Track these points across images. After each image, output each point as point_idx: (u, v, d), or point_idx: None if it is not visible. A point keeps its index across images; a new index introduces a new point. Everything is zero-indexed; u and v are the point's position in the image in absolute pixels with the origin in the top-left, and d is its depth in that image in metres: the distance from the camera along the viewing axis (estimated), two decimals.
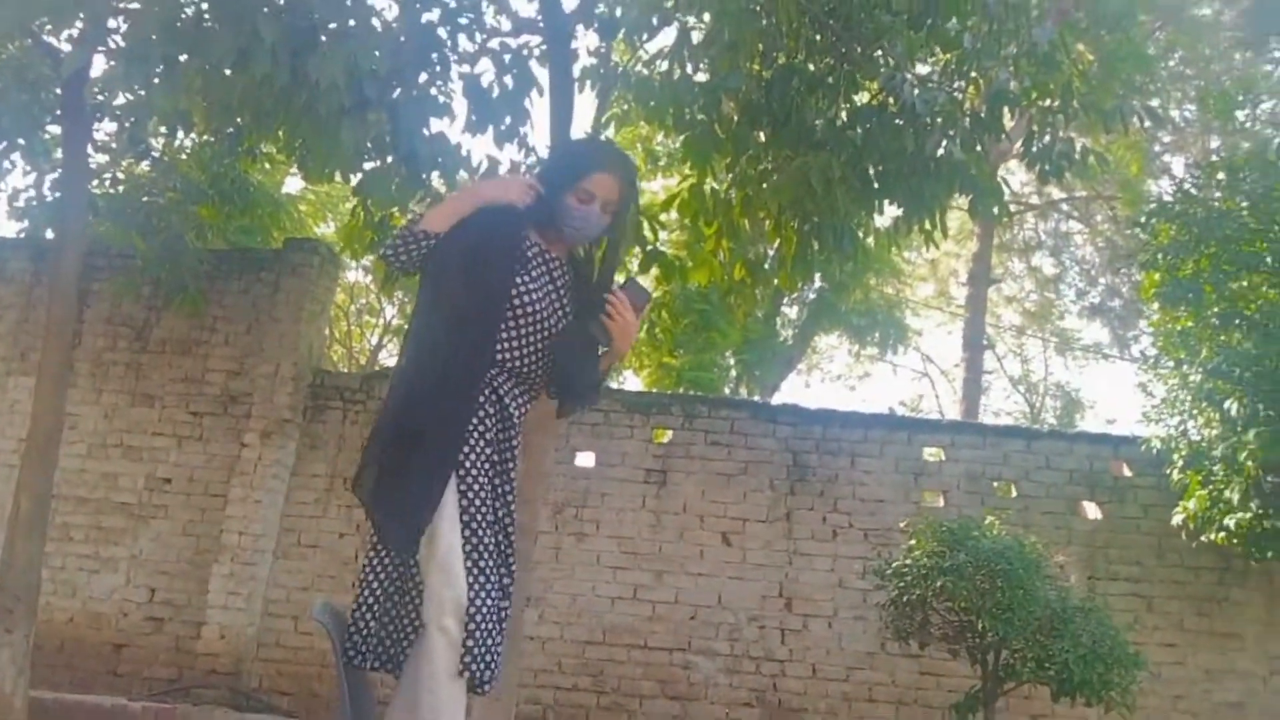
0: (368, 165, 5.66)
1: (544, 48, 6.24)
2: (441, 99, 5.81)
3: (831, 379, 23.34)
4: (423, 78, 5.73)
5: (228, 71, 4.68)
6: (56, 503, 7.08)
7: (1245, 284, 6.58)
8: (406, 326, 2.46)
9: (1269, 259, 6.46)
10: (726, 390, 13.88)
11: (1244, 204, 6.59)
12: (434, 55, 5.67)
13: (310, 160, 5.51)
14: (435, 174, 5.71)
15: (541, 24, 6.23)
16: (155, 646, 7.62)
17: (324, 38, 4.50)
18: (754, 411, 8.14)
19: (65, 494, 7.75)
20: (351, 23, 4.88)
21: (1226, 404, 6.23)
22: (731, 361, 14.18)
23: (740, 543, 7.63)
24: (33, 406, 5.92)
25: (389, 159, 5.48)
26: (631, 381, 15.95)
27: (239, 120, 5.81)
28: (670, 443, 7.92)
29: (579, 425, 7.65)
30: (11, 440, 7.92)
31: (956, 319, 18.97)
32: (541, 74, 6.12)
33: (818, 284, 13.88)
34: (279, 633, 7.63)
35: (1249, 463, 6.06)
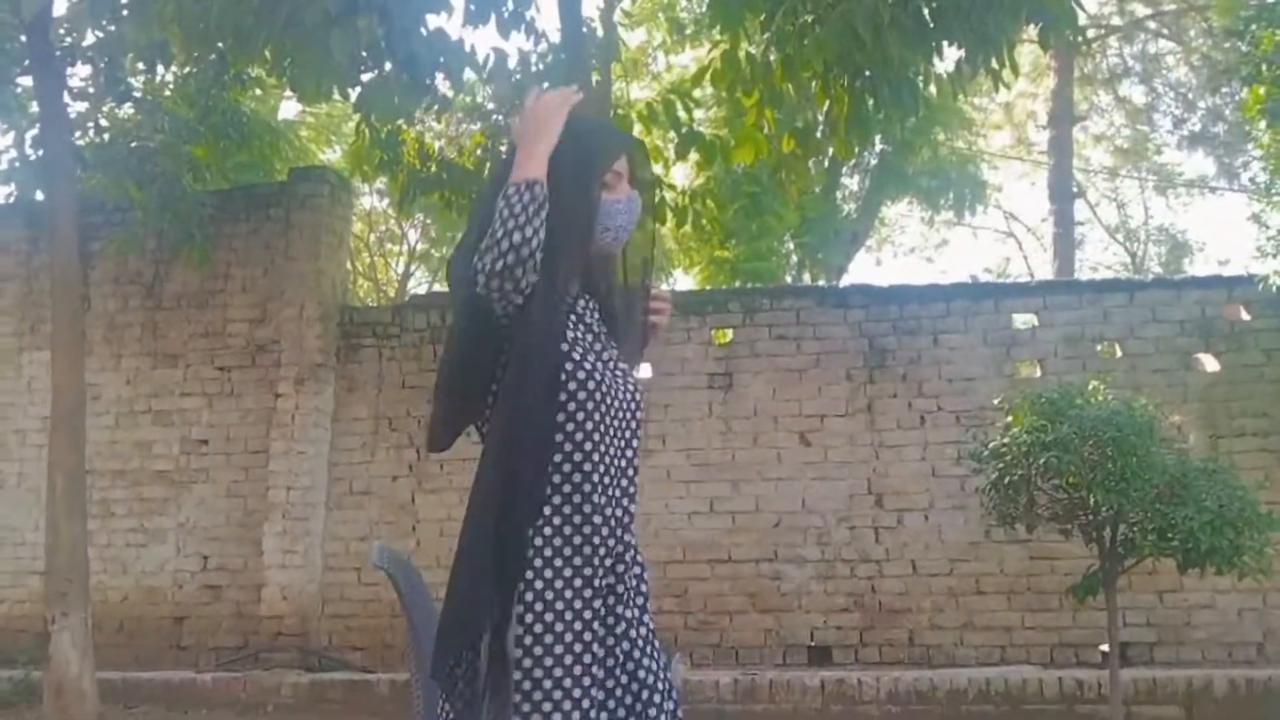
0: (365, 77, 5.65)
1: None
2: None
3: (905, 252, 23.11)
4: None
5: None
6: (92, 478, 7.36)
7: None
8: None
9: None
10: (788, 279, 13.81)
11: None
12: None
13: (302, 78, 5.50)
14: (440, 77, 5.69)
15: None
16: (216, 615, 7.98)
17: None
18: (820, 298, 8.10)
19: (99, 468, 8.05)
20: None
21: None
22: (790, 246, 14.08)
23: (820, 441, 7.68)
24: (52, 380, 6.12)
25: (387, 66, 5.46)
26: (682, 280, 15.94)
27: (220, 45, 5.81)
28: (732, 342, 7.94)
29: None
30: (35, 419, 8.22)
31: (1040, 168, 18.51)
32: None
33: (878, 147, 13.63)
34: (343, 586, 7.94)
35: None
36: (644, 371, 7.84)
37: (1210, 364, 7.56)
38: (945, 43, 5.47)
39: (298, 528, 7.86)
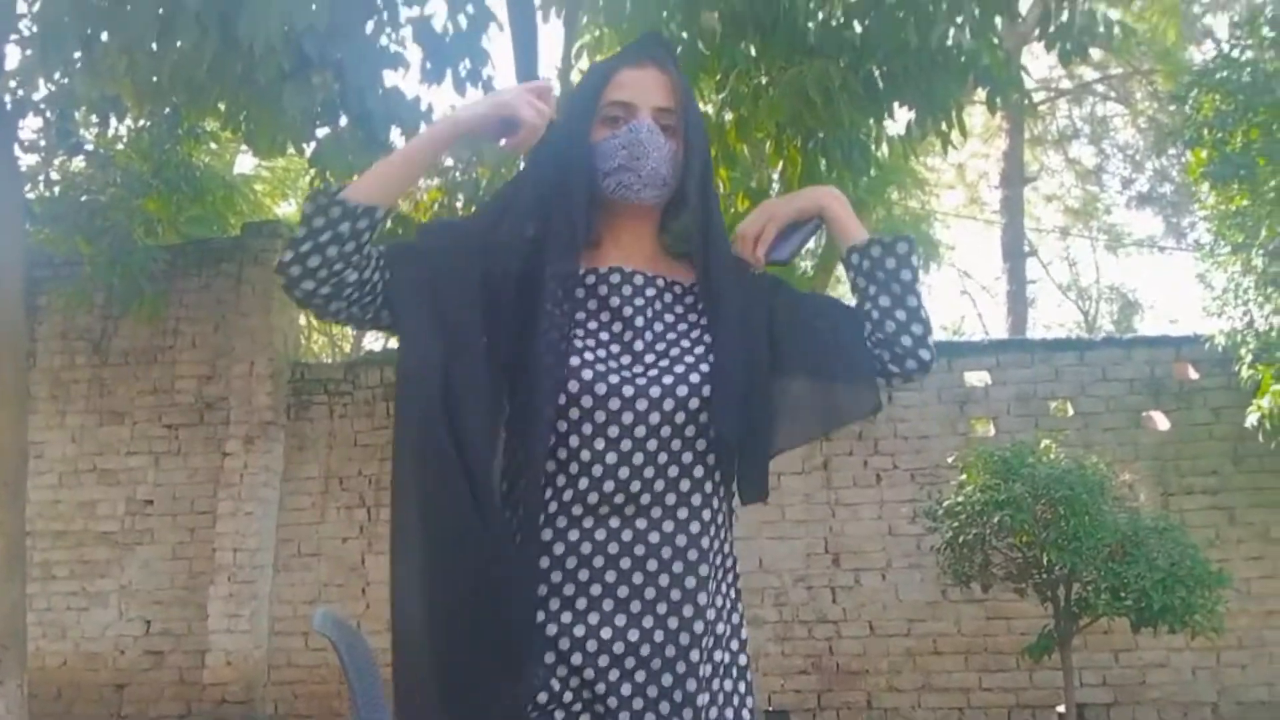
0: (320, 132, 5.66)
1: None
2: (393, 48, 5.79)
3: None
4: (369, 27, 5.71)
5: (153, 47, 4.67)
6: (32, 539, 7.18)
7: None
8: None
9: None
10: None
11: None
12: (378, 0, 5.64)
13: (257, 133, 5.51)
14: (396, 132, 5.71)
15: None
16: (158, 682, 7.76)
17: None
18: None
19: (40, 529, 7.85)
20: None
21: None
22: None
23: (776, 499, 7.68)
24: None
25: (342, 121, 5.47)
26: None
27: (173, 99, 5.81)
28: None
29: None
30: None
31: (993, 227, 18.86)
32: (499, 6, 6.08)
33: None
34: (289, 651, 7.76)
35: None
36: None
37: (1160, 422, 7.68)
38: (895, 104, 5.60)
39: (244, 591, 7.70)
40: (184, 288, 8.43)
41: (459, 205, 7.23)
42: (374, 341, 19.12)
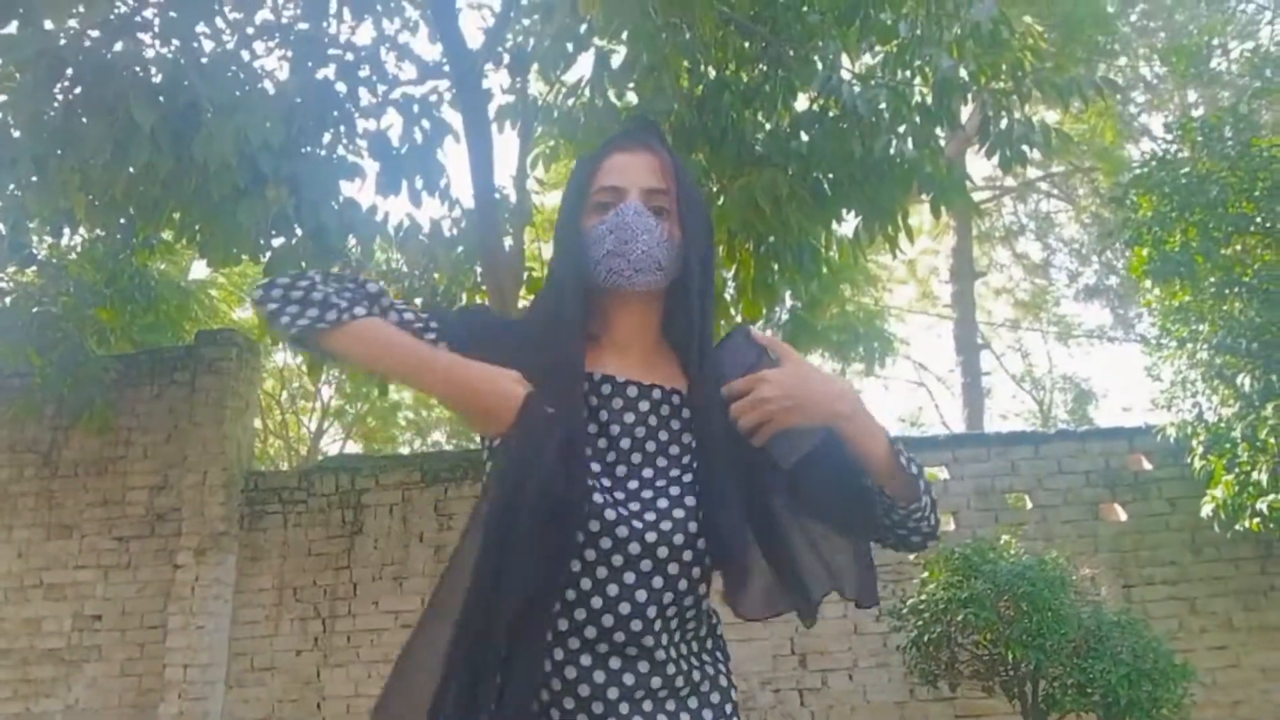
0: (275, 242, 5.68)
1: (454, 92, 6.33)
2: (351, 159, 5.88)
3: None
4: (325, 139, 5.79)
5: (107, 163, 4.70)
6: None
7: (1238, 248, 6.73)
8: None
9: (1259, 218, 6.61)
10: None
11: (1224, 164, 6.75)
12: (334, 113, 5.74)
13: (210, 246, 5.52)
14: (351, 242, 5.75)
15: (448, 67, 6.31)
16: None
17: (209, 114, 4.53)
18: None
19: None
20: (238, 93, 4.93)
21: (1239, 379, 6.34)
22: None
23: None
24: None
25: (297, 232, 5.50)
26: None
27: (128, 212, 5.82)
28: None
29: None
30: None
31: (946, 320, 19.18)
32: (455, 119, 6.20)
33: (789, 304, 14.00)
34: None
35: (1271, 439, 6.15)
36: None
37: (1118, 514, 7.74)
38: (843, 211, 5.74)
39: (195, 708, 7.44)
40: (135, 397, 8.32)
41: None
42: (331, 444, 18.98)
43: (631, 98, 6.31)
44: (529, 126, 7.02)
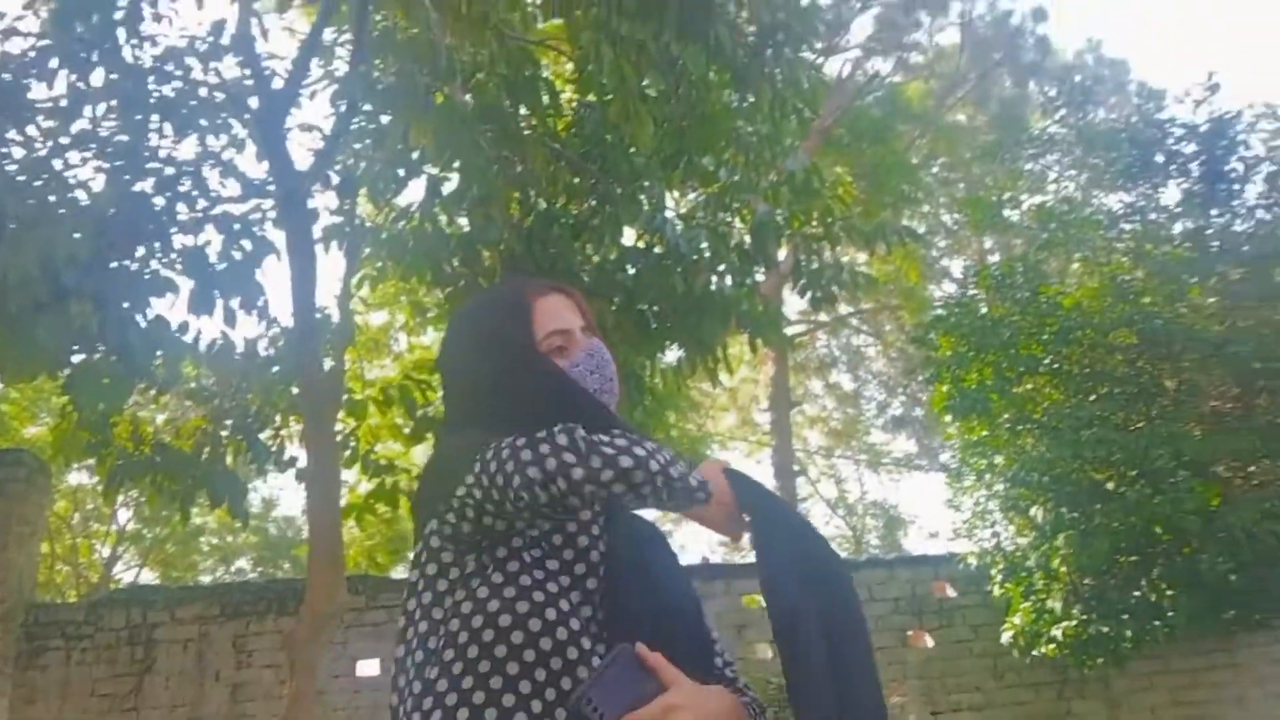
0: (76, 358, 5.38)
1: (278, 210, 6.23)
2: (165, 275, 5.66)
3: None
4: (139, 253, 5.57)
5: None
6: None
7: (1029, 387, 7.24)
8: None
9: (1047, 360, 7.15)
10: None
11: (1015, 309, 7.31)
12: (150, 228, 5.55)
13: (6, 361, 5.17)
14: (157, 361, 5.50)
15: (273, 186, 6.23)
16: None
17: (12, 225, 4.31)
18: None
19: None
20: (50, 200, 4.72)
21: (1032, 510, 6.75)
22: None
23: None
24: None
25: (100, 350, 5.23)
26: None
27: None
28: None
29: (358, 628, 7.31)
30: None
31: (764, 447, 19.73)
32: (278, 237, 6.09)
33: None
34: None
35: (1063, 568, 6.54)
36: (371, 668, 7.39)
37: (925, 641, 8.00)
38: (666, 343, 5.90)
39: None
40: None
41: (224, 433, 6.95)
42: (125, 571, 17.73)
43: (462, 224, 6.37)
44: (355, 248, 6.96)
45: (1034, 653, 7.14)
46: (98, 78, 5.50)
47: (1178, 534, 6.52)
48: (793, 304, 14.92)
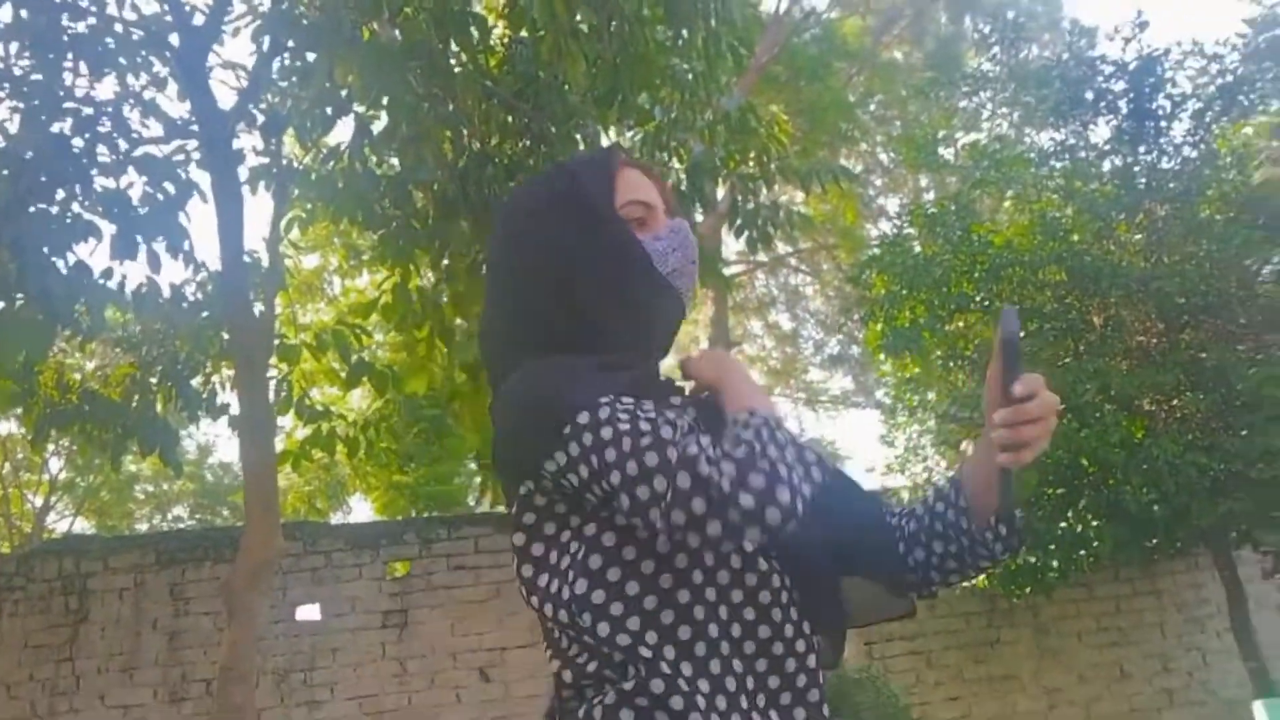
0: None
1: (203, 152, 6.07)
2: (86, 218, 5.49)
3: None
4: (59, 197, 5.41)
5: None
6: None
7: (961, 325, 7.35)
8: None
9: (978, 297, 7.26)
10: (472, 502, 13.74)
11: (947, 247, 7.39)
12: (70, 170, 5.37)
13: None
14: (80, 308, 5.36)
15: (197, 126, 6.06)
16: None
17: None
18: (500, 525, 8.08)
19: None
20: None
21: (963, 445, 6.89)
22: (473, 468, 14.07)
23: (501, 676, 7.50)
24: None
25: (19, 297, 5.08)
26: (359, 509, 15.45)
27: None
28: (408, 576, 7.70)
29: (296, 574, 7.29)
30: None
31: None
32: (203, 179, 5.94)
33: None
34: None
35: None
36: (311, 612, 7.40)
37: None
38: None
39: None
40: None
41: (154, 380, 6.82)
42: (59, 521, 17.44)
43: (394, 164, 6.25)
44: (284, 190, 6.81)
45: (964, 584, 7.33)
46: (5, 13, 5.28)
47: (1103, 466, 6.71)
48: (730, 244, 14.93)
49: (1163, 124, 7.55)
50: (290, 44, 5.82)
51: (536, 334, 1.29)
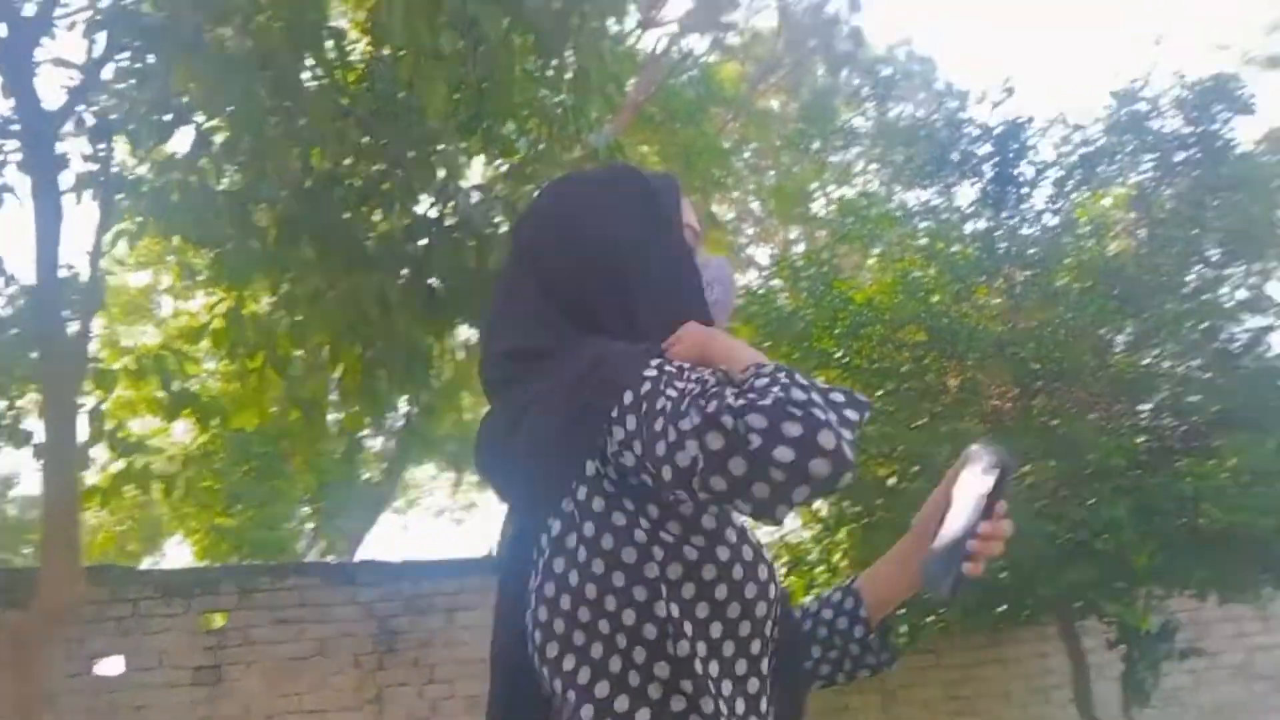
0: None
1: (24, 154, 5.83)
2: None
3: (434, 515, 23.25)
4: None
5: None
6: None
7: (821, 381, 7.54)
8: None
9: (838, 354, 7.47)
10: (300, 550, 13.34)
11: (810, 301, 7.60)
12: None
13: None
14: None
15: (18, 125, 5.82)
16: None
17: None
18: (326, 575, 7.85)
19: None
20: None
21: (815, 505, 7.05)
22: (306, 511, 13.67)
23: None
24: None
25: None
26: (174, 554, 14.80)
27: None
28: (224, 628, 7.39)
29: (98, 623, 6.91)
30: None
31: None
32: (23, 184, 5.70)
33: (404, 409, 13.86)
34: None
35: (844, 563, 6.86)
36: (113, 667, 7.03)
37: None
38: (457, 319, 5.83)
39: None
40: None
41: None
42: None
43: (235, 179, 6.11)
44: (111, 199, 6.56)
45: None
46: None
47: None
48: None
49: (1025, 190, 7.94)
50: (129, 44, 5.65)
51: (579, 318, 1.32)
